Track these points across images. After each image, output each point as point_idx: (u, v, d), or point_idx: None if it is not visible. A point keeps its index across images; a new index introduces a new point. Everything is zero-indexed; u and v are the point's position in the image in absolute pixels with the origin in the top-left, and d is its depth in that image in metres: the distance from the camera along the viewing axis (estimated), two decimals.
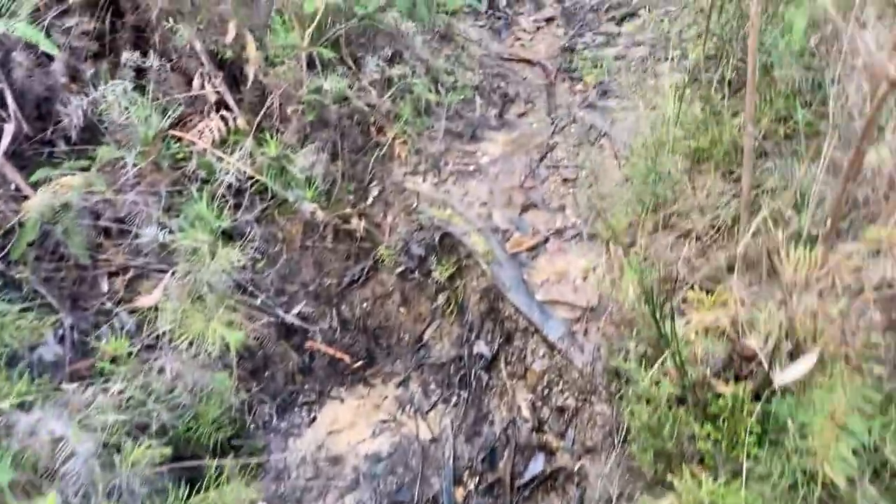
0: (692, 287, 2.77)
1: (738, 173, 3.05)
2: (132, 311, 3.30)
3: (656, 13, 5.38)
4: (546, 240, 3.58)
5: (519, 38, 5.64)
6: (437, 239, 3.66)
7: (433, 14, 4.64)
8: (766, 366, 1.90)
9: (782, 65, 2.82)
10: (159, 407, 2.73)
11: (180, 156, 3.89)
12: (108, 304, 3.38)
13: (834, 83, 2.68)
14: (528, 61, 5.27)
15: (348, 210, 3.95)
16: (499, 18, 5.86)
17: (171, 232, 3.53)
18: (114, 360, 2.88)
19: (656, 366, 2.22)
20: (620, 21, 5.51)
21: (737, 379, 2.28)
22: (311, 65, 4.03)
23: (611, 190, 3.65)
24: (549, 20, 5.82)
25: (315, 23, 3.90)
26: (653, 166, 2.96)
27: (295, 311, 3.74)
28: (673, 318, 2.15)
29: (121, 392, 2.69)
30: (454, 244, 3.63)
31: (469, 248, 3.55)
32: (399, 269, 3.75)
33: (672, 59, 4.82)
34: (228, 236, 3.74)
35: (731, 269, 2.71)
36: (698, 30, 4.99)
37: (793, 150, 2.74)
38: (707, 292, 2.43)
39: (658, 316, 2.22)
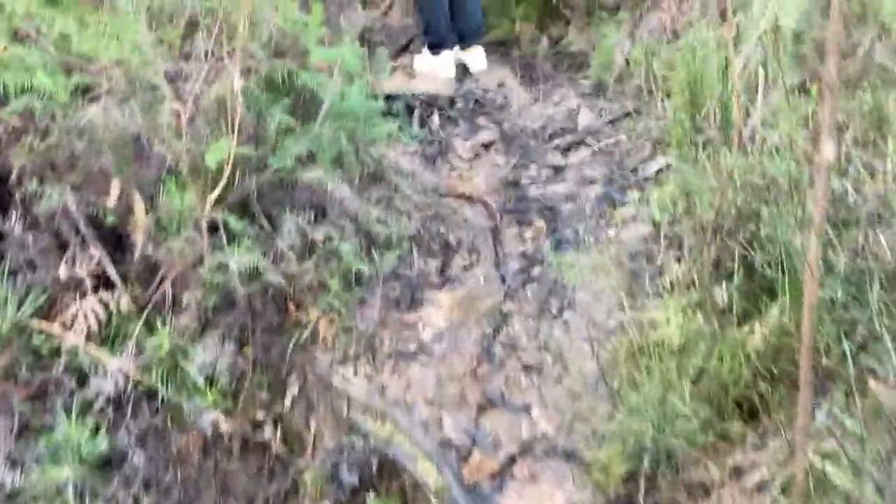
0: None
1: (759, 404, 2.44)
2: None
3: (606, 143, 4.90)
4: (513, 460, 2.89)
5: (455, 168, 5.02)
6: (375, 463, 2.92)
7: (361, 155, 3.98)
8: None
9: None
10: None
11: (44, 353, 3.06)
12: None
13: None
14: (469, 198, 4.65)
15: (260, 414, 3.18)
16: (431, 143, 5.24)
17: (23, 470, 2.69)
18: None
19: None
20: (566, 150, 4.99)
21: None
22: (214, 229, 3.29)
23: (585, 390, 3.02)
24: (487, 146, 5.24)
25: (223, 181, 3.18)
26: (656, 405, 2.32)
27: None
28: None
29: None
30: (398, 471, 2.90)
31: (417, 479, 2.82)
32: (326, 502, 2.98)
33: (631, 203, 4.30)
34: (106, 461, 2.91)
35: None
36: (658, 166, 4.52)
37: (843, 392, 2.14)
38: None
39: None
